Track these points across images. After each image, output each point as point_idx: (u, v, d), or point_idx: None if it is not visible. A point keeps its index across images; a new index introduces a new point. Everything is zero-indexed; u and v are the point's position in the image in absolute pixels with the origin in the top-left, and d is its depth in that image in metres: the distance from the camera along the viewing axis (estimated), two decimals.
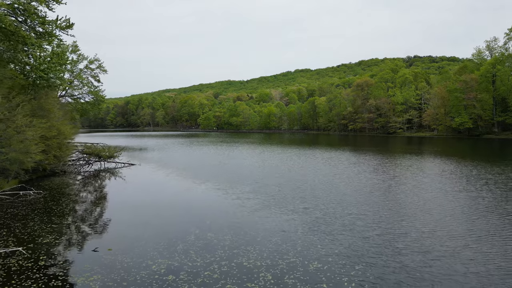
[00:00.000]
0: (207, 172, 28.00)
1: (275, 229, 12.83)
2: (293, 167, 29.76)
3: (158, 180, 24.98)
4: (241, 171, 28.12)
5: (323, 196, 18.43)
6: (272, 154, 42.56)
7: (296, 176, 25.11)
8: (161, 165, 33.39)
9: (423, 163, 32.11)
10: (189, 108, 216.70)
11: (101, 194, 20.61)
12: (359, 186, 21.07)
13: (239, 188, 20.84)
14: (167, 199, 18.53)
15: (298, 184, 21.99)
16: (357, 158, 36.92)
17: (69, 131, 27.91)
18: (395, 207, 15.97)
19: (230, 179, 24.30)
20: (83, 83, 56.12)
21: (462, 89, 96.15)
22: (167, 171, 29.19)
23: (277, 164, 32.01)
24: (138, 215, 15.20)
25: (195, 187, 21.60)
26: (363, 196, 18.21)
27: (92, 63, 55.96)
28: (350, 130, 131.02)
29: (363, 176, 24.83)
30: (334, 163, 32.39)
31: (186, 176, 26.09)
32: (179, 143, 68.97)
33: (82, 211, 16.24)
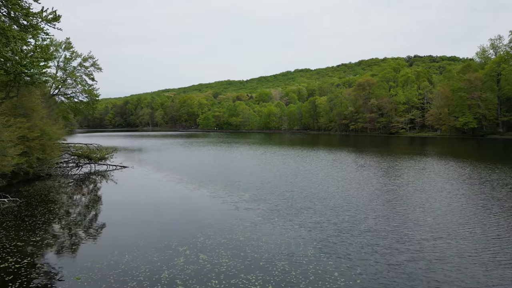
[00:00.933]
0: (204, 175, 25.91)
1: (280, 250, 10.74)
2: (298, 171, 27.64)
3: (149, 185, 22.87)
4: (241, 175, 26.02)
5: (334, 206, 16.28)
6: (274, 156, 40.46)
7: (302, 181, 22.96)
8: (155, 167, 31.30)
9: (436, 166, 30.06)
10: (188, 108, 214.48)
11: (84, 202, 18.50)
12: (374, 193, 18.92)
13: (238, 195, 18.75)
14: (155, 210, 16.25)
15: (305, 191, 19.79)
16: (364, 160, 34.86)
17: (55, 131, 25.79)
18: (421, 220, 13.83)
19: (228, 184, 22.21)
20: (76, 82, 54.07)
21: (466, 88, 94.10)
22: (160, 174, 27.10)
23: (280, 167, 29.85)
24: (120, 232, 13.06)
25: (189, 194, 19.50)
26: (381, 206, 16.10)
27: (86, 60, 53.85)
28: (352, 130, 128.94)
29: (375, 181, 22.74)
30: (341, 166, 30.30)
31: (181, 180, 23.98)
32: (177, 144, 66.86)
33: (57, 225, 14.13)
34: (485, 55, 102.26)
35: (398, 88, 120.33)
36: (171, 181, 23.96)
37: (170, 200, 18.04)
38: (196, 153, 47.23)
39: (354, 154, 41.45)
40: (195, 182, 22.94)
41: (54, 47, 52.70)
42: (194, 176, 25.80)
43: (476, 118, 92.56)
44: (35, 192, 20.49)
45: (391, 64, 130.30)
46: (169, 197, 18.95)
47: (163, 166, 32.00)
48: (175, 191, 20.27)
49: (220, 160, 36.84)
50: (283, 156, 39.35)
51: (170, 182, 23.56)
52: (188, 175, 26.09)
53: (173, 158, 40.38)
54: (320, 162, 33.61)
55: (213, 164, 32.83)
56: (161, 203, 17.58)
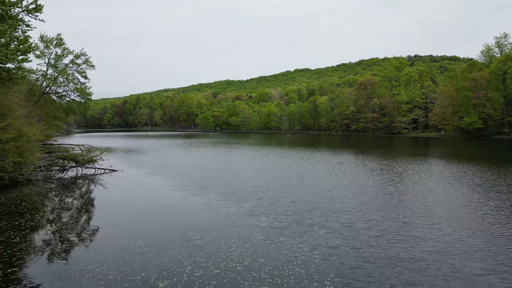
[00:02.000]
0: (200, 181, 23.49)
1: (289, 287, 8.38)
2: (304, 175, 25.13)
3: (136, 193, 20.42)
4: (240, 180, 23.58)
5: (351, 221, 13.62)
6: (277, 158, 37.99)
7: (309, 188, 20.36)
8: (148, 171, 28.89)
9: (452, 169, 27.70)
10: (187, 108, 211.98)
11: (57, 214, 16.09)
12: (396, 205, 16.24)
13: (237, 206, 16.31)
14: (136, 228, 13.29)
15: (314, 201, 17.14)
16: (374, 163, 32.42)
17: (35, 132, 23.38)
18: (483, 248, 11.06)
19: (226, 191, 19.78)
20: (68, 80, 51.70)
21: (471, 88, 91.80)
22: (152, 179, 24.71)
23: (283, 172, 27.28)
24: (87, 264, 10.70)
25: (180, 205, 17.02)
26: (408, 223, 13.36)
27: (78, 57, 51.44)
28: (353, 130, 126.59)
29: (393, 188, 20.23)
30: (351, 170, 27.82)
31: (173, 187, 21.55)
32: (175, 145, 64.38)
33: (17, 248, 11.75)
34: (490, 53, 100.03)
35: (401, 88, 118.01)
36: (162, 187, 21.53)
37: (156, 214, 15.36)
38: (194, 154, 44.85)
39: (361, 156, 39.05)
40: (189, 189, 20.50)
41: (44, 44, 50.46)
42: (189, 181, 23.38)
43: (481, 118, 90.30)
44: (5, 201, 18.08)
45: (393, 63, 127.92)
46: (156, 209, 16.29)
47: (157, 170, 29.59)
48: (165, 202, 17.78)
49: (219, 163, 34.43)
50: (286, 159, 36.89)
51: (160, 189, 21.12)
52: (182, 180, 23.67)
53: (168, 160, 37.96)
54: (326, 165, 31.16)
55: (210, 167, 30.40)
56: (146, 219, 14.74)
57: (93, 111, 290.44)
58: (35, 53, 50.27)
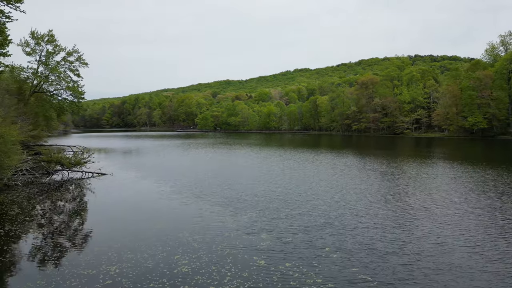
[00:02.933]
0: (194, 187, 21.37)
1: None
2: (310, 181, 22.77)
3: (121, 202, 18.23)
4: (239, 186, 21.38)
5: (376, 244, 11.10)
6: (279, 160, 35.77)
7: (318, 197, 17.91)
8: (139, 174, 26.77)
9: (468, 173, 25.65)
10: (186, 108, 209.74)
11: (24, 226, 14.01)
12: (424, 220, 13.78)
13: (233, 220, 14.08)
14: (114, 249, 10.93)
15: (325, 214, 14.66)
16: (383, 166, 30.29)
17: (13, 133, 21.28)
18: None
19: (222, 200, 17.57)
20: (60, 78, 49.63)
21: (475, 87, 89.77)
22: (142, 184, 22.62)
23: (287, 176, 25.03)
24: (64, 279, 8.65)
25: (168, 218, 14.68)
26: (445, 244, 11.15)
27: (71, 55, 49.36)
28: (354, 130, 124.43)
29: (412, 197, 17.92)
30: (360, 174, 25.62)
31: (163, 194, 19.38)
32: (173, 146, 62.16)
33: None
34: (494, 52, 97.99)
35: (403, 87, 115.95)
36: (150, 195, 19.36)
37: (137, 232, 12.65)
38: (191, 156, 42.72)
39: (368, 159, 36.91)
40: (180, 198, 18.29)
41: (35, 40, 48.37)
42: (182, 187, 21.24)
43: (486, 118, 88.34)
44: None
45: (395, 63, 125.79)
46: (138, 225, 13.54)
47: (149, 173, 27.48)
48: (150, 215, 15.25)
49: (216, 166, 32.28)
50: (289, 161, 34.65)
51: (148, 197, 18.90)
52: (174, 186, 21.53)
53: (164, 162, 35.78)
54: (333, 169, 28.97)
55: (207, 171, 28.22)
56: (124, 238, 12.05)
57: (91, 111, 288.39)
58: (26, 50, 48.21)
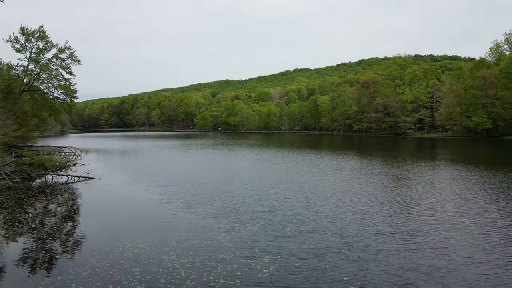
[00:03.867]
0: (188, 194, 19.35)
1: None
2: (319, 185, 20.90)
3: (102, 212, 16.23)
4: (239, 194, 19.30)
5: (402, 268, 9.23)
6: (283, 163, 33.65)
7: (331, 208, 15.72)
8: (129, 178, 24.77)
9: (487, 178, 23.72)
10: (185, 108, 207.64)
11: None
12: (465, 240, 11.65)
13: (230, 237, 12.02)
14: (89, 272, 9.23)
15: (341, 231, 12.36)
16: (393, 169, 28.29)
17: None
18: None
19: (218, 212, 15.45)
20: (51, 75, 47.57)
21: (479, 86, 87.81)
22: (130, 191, 20.62)
23: (294, 181, 22.84)
24: None
25: (153, 236, 12.64)
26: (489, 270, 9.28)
27: (63, 51, 47.28)
28: (355, 130, 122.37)
29: (438, 207, 16.04)
30: (374, 180, 23.43)
31: (152, 202, 17.31)
32: (171, 146, 60.05)
33: None
34: (499, 50, 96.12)
35: (405, 86, 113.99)
36: (137, 203, 17.28)
37: (115, 251, 10.66)
38: (189, 157, 40.70)
39: (376, 161, 34.80)
40: (171, 207, 16.15)
41: (25, 36, 46.34)
42: (175, 194, 19.17)
43: (491, 118, 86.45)
44: None
45: (397, 61, 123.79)
46: (116, 245, 11.23)
47: (141, 177, 25.47)
48: (134, 228, 13.00)
49: (215, 169, 30.22)
50: (292, 164, 32.44)
51: (135, 206, 16.77)
52: (166, 193, 19.42)
53: (159, 165, 33.75)
54: (340, 172, 26.84)
55: (204, 175, 26.13)
56: (96, 267, 10.00)
57: (90, 110, 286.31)
58: (15, 47, 46.20)
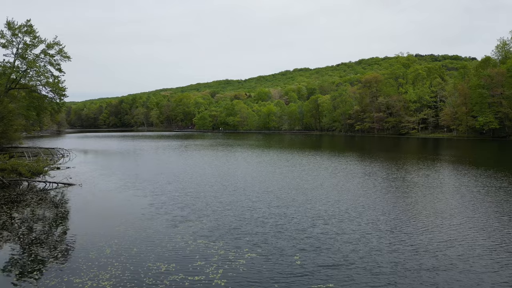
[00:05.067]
0: (180, 206, 16.68)
1: None
2: (332, 195, 18.29)
3: (75, 228, 13.63)
4: (239, 204, 16.78)
5: None
6: (288, 166, 30.82)
7: (345, 224, 13.29)
8: (115, 185, 22.15)
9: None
10: (184, 107, 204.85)
11: None
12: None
13: (225, 269, 9.51)
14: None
15: (373, 267, 9.50)
16: (410, 174, 25.66)
17: None
18: None
19: (213, 230, 12.84)
20: (38, 72, 45.00)
21: (486, 85, 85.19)
22: (114, 200, 18.04)
23: (304, 191, 19.98)
24: None
25: (132, 261, 10.20)
26: None
27: (51, 47, 44.73)
28: (357, 130, 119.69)
29: (489, 221, 13.62)
30: (391, 188, 20.70)
31: (136, 218, 14.63)
32: (168, 147, 57.25)
33: None
34: (505, 48, 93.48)
35: (408, 86, 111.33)
36: (116, 219, 14.37)
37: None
38: (186, 160, 37.94)
39: (387, 165, 32.00)
40: (154, 225, 13.40)
41: (11, 31, 43.76)
42: (165, 206, 16.48)
43: (497, 118, 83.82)
44: None
45: (400, 60, 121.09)
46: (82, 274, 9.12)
47: (128, 183, 22.81)
48: (103, 255, 10.49)
49: (214, 174, 27.55)
50: (298, 168, 29.56)
51: (112, 223, 13.86)
52: (154, 204, 16.79)
53: (151, 169, 30.89)
54: (354, 178, 24.03)
55: (201, 182, 23.38)
56: None
57: (88, 110, 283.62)
58: (1, 42, 43.63)
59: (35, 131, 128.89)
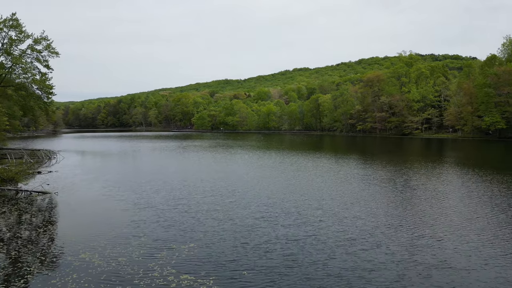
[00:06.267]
0: (165, 222, 14.05)
1: None
2: (350, 208, 15.75)
3: (33, 254, 11.10)
4: (240, 221, 14.23)
5: None
6: (295, 171, 27.99)
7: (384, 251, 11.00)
8: (95, 195, 19.48)
9: None
10: (183, 107, 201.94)
11: None
12: None
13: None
14: None
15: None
16: (433, 182, 23.21)
17: None
18: None
19: (202, 261, 10.29)
20: (24, 69, 42.37)
21: (493, 84, 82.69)
22: (88, 214, 15.46)
23: (317, 200, 17.43)
24: None
25: None
26: None
27: (38, 43, 42.10)
28: (359, 130, 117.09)
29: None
30: (416, 195, 18.44)
31: (107, 243, 11.91)
32: (166, 149, 54.29)
33: None
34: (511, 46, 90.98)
35: (411, 85, 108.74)
36: (83, 243, 11.97)
37: None
38: (182, 164, 35.28)
39: (402, 168, 29.52)
40: (130, 252, 10.84)
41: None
42: (145, 225, 13.73)
43: (505, 118, 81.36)
44: None
45: (402, 59, 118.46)
46: None
47: (110, 191, 20.16)
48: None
49: (211, 181, 24.97)
50: (304, 173, 26.81)
51: (75, 248, 11.44)
52: (131, 225, 13.82)
53: (141, 175, 28.09)
54: (369, 186, 21.29)
55: (195, 191, 20.78)
56: None
57: (86, 110, 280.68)
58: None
59: (30, 131, 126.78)
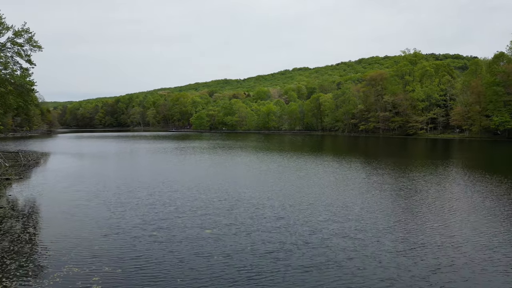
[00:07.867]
0: (142, 266, 10.45)
1: None
2: (371, 228, 12.65)
3: None
4: (236, 234, 11.23)
5: None
6: (301, 177, 24.62)
7: None
8: (58, 212, 16.19)
9: None
10: (181, 107, 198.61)
11: None
12: None
13: None
14: None
15: None
16: (457, 185, 20.00)
17: None
18: None
19: None
20: (4, 64, 39.02)
21: (502, 82, 79.51)
22: (23, 250, 12.15)
23: (336, 217, 14.43)
24: None
25: None
26: None
27: (19, 35, 38.79)
28: (361, 130, 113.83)
29: None
30: (439, 212, 15.31)
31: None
32: (162, 151, 50.61)
33: None
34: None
35: (415, 83, 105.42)
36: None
37: None
38: (178, 168, 32.01)
39: (419, 175, 26.42)
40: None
41: None
42: (115, 265, 10.59)
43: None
44: None
45: (406, 57, 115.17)
46: None
47: (80, 208, 16.87)
48: None
49: (206, 190, 21.67)
50: (315, 180, 23.36)
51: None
52: (91, 261, 10.78)
53: (126, 183, 24.96)
54: (386, 198, 18.14)
55: (185, 204, 17.42)
56: None
57: (84, 110, 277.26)
58: None
59: (23, 131, 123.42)
